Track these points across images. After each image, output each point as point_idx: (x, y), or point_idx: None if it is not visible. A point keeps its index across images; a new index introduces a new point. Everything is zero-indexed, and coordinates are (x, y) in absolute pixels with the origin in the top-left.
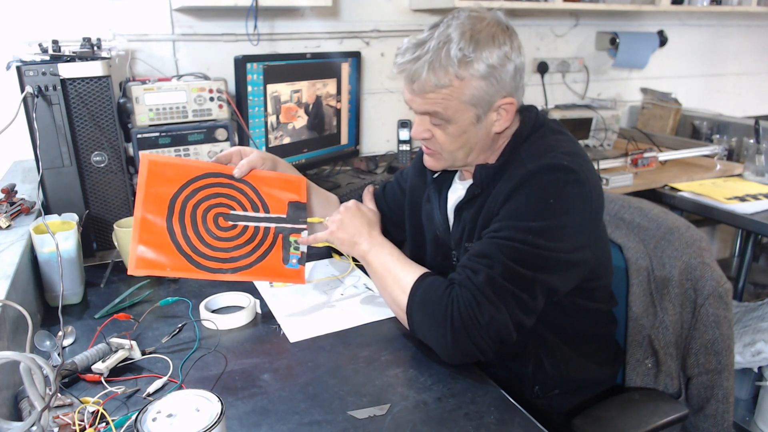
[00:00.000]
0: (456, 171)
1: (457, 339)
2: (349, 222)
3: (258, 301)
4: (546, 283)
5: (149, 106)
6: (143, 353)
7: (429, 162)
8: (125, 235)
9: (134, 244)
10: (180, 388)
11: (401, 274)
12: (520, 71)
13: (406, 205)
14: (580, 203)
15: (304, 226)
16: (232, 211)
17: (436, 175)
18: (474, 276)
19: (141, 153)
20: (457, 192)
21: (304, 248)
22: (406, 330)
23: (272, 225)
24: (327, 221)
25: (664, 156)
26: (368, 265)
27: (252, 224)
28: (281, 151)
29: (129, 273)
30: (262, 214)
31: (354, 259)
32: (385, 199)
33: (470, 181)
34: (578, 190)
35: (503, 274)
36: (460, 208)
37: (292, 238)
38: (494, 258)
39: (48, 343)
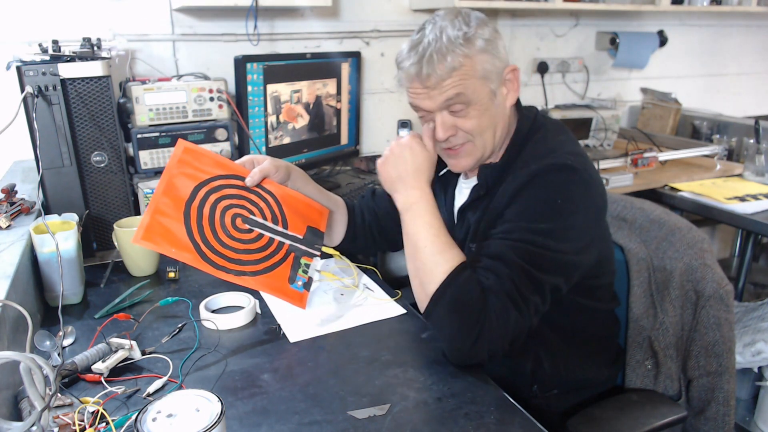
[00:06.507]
0: None
1: (479, 344)
2: (395, 161)
3: (258, 301)
4: (554, 285)
5: (149, 106)
6: (143, 353)
7: (458, 163)
8: (125, 235)
9: (147, 216)
10: (180, 388)
11: (436, 256)
12: (505, 49)
13: None
14: (586, 203)
15: (317, 253)
16: (251, 216)
17: (441, 173)
18: (500, 282)
19: (179, 139)
20: (462, 192)
21: (313, 274)
22: (406, 330)
23: (287, 241)
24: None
25: (664, 156)
26: (403, 224)
27: (267, 234)
28: (281, 151)
29: (133, 241)
30: (280, 228)
31: (354, 259)
32: (389, 200)
33: (474, 181)
34: (584, 190)
35: (521, 280)
36: (463, 209)
37: (303, 261)
38: (511, 261)
39: (48, 343)
